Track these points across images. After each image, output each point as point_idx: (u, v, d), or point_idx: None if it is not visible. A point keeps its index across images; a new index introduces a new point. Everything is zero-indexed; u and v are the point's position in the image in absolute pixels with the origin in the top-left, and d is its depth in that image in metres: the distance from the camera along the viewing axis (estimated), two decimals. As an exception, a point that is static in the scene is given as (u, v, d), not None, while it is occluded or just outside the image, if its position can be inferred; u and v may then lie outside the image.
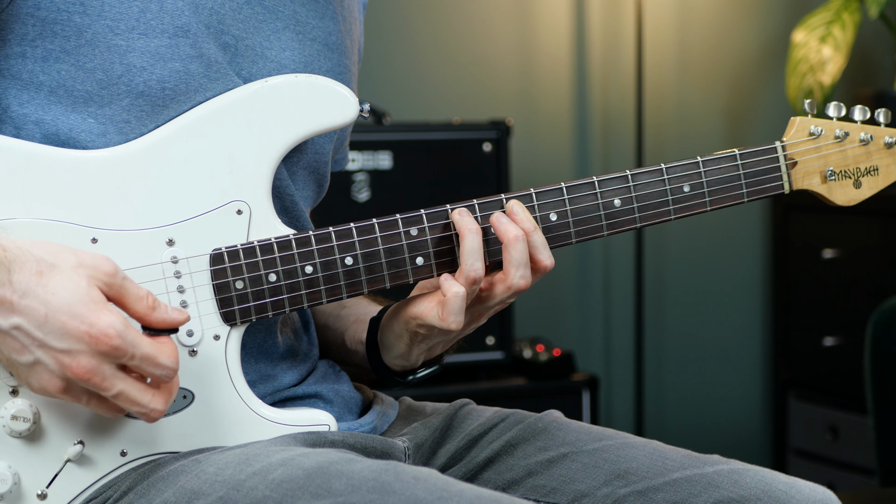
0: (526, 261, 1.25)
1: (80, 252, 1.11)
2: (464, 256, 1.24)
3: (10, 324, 1.07)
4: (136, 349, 1.08)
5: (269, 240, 1.21)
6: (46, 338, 1.07)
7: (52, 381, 1.09)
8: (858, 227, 3.27)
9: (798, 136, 1.35)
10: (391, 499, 1.05)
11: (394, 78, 3.33)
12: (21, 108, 1.20)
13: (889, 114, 1.38)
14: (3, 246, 1.08)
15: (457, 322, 1.24)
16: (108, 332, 1.07)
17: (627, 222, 1.31)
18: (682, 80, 3.60)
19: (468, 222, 1.25)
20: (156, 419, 1.12)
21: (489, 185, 2.88)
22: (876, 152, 1.37)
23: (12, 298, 1.06)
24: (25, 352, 1.08)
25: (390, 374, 1.38)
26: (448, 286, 1.24)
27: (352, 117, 1.24)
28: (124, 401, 1.10)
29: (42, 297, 1.07)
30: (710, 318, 3.68)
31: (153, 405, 1.11)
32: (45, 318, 1.07)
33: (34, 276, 1.07)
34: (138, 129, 1.20)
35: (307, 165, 1.33)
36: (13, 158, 1.15)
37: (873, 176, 1.38)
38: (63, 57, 1.19)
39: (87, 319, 1.07)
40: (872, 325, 2.30)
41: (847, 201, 1.37)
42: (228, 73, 1.23)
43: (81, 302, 1.07)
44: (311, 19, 1.33)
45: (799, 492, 1.26)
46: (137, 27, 1.20)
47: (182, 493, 1.13)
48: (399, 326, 1.32)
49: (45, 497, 1.15)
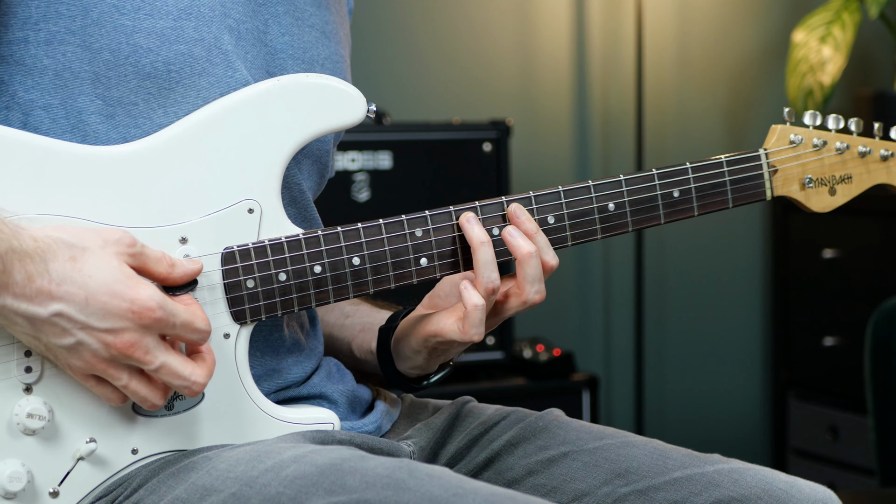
0: (540, 276, 1.27)
1: (99, 230, 1.13)
2: (479, 269, 1.25)
3: (49, 311, 1.08)
4: (175, 317, 1.11)
5: (279, 239, 1.22)
6: (89, 319, 1.09)
7: (95, 359, 1.10)
8: (858, 227, 3.27)
9: (779, 144, 1.39)
10: (406, 495, 1.06)
11: (394, 78, 3.33)
12: (27, 93, 1.20)
13: (861, 123, 1.42)
14: (33, 237, 1.09)
15: (479, 334, 1.25)
16: (150, 304, 1.09)
17: (620, 226, 1.33)
18: (682, 80, 3.60)
19: (479, 233, 1.26)
20: (197, 392, 1.14)
21: (489, 185, 2.88)
22: (851, 161, 1.42)
23: (50, 287, 1.08)
24: (67, 335, 1.09)
25: (405, 381, 1.39)
26: (469, 296, 1.25)
27: (360, 117, 1.25)
28: (166, 373, 1.12)
29: (80, 281, 1.08)
30: (710, 317, 3.68)
31: (195, 377, 1.13)
32: (86, 301, 1.08)
33: (69, 262, 1.09)
34: (146, 113, 1.21)
35: (311, 154, 1.34)
36: (29, 153, 1.15)
37: (847, 184, 1.42)
38: (68, 38, 1.19)
39: (128, 296, 1.09)
40: (872, 325, 2.30)
41: (822, 208, 1.42)
42: (230, 56, 1.24)
43: (117, 280, 1.09)
44: (308, 6, 1.34)
45: (799, 491, 1.26)
46: (143, 7, 1.20)
47: (194, 490, 1.14)
48: (417, 343, 1.33)
49: (58, 495, 1.16)
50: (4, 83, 1.20)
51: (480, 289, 1.25)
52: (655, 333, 3.62)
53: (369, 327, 1.41)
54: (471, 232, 1.26)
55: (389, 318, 1.39)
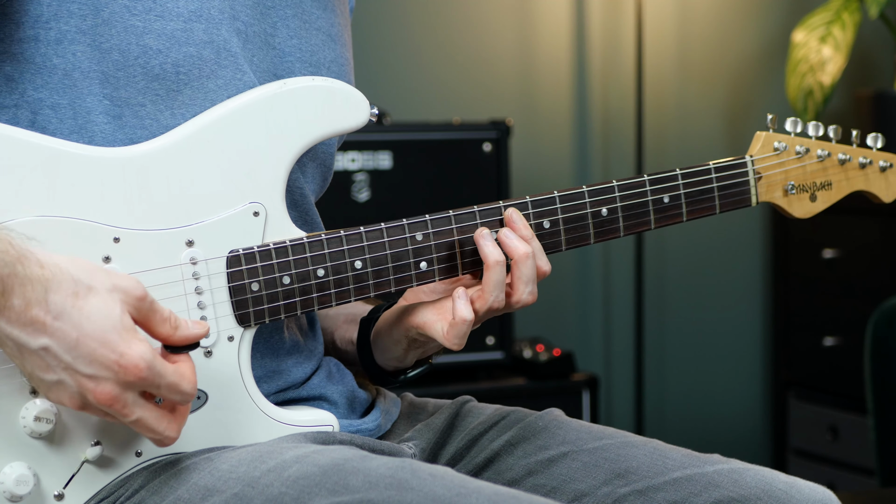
0: (534, 277, 1.28)
1: (112, 273, 1.10)
2: (488, 286, 1.25)
3: (38, 344, 1.06)
4: (161, 379, 1.08)
5: (283, 242, 1.22)
6: (74, 362, 1.06)
7: (72, 400, 1.08)
8: (858, 227, 3.27)
9: (764, 151, 1.42)
10: (409, 495, 1.06)
11: (394, 78, 3.33)
12: (36, 92, 1.20)
13: (839, 130, 1.46)
14: (40, 263, 1.06)
15: (459, 344, 1.26)
16: (139, 363, 1.06)
17: (613, 231, 1.35)
18: (682, 80, 3.60)
19: (494, 252, 1.26)
20: (168, 445, 1.12)
21: (489, 185, 2.88)
22: (831, 168, 1.45)
23: (45, 319, 1.05)
24: (50, 371, 1.07)
25: (382, 374, 1.39)
26: (460, 308, 1.25)
27: (363, 121, 1.26)
28: (141, 427, 1.10)
29: (76, 320, 1.06)
30: (710, 317, 3.68)
31: (168, 433, 1.11)
32: (76, 343, 1.05)
33: (70, 298, 1.06)
34: (153, 114, 1.21)
35: (315, 157, 1.34)
36: (38, 154, 1.15)
37: (827, 190, 1.45)
38: (78, 37, 1.19)
39: (118, 349, 1.06)
40: (872, 325, 2.30)
41: (804, 214, 1.45)
42: (238, 59, 1.24)
43: (114, 329, 1.06)
44: (314, 9, 1.35)
45: (799, 491, 1.26)
46: (154, 9, 1.20)
47: (195, 490, 1.14)
48: (398, 333, 1.33)
49: (62, 497, 1.16)
50: (14, 81, 1.20)
51: (486, 305, 1.25)
52: (655, 333, 3.62)
53: (352, 318, 1.42)
54: (486, 248, 1.26)
55: (371, 311, 1.40)
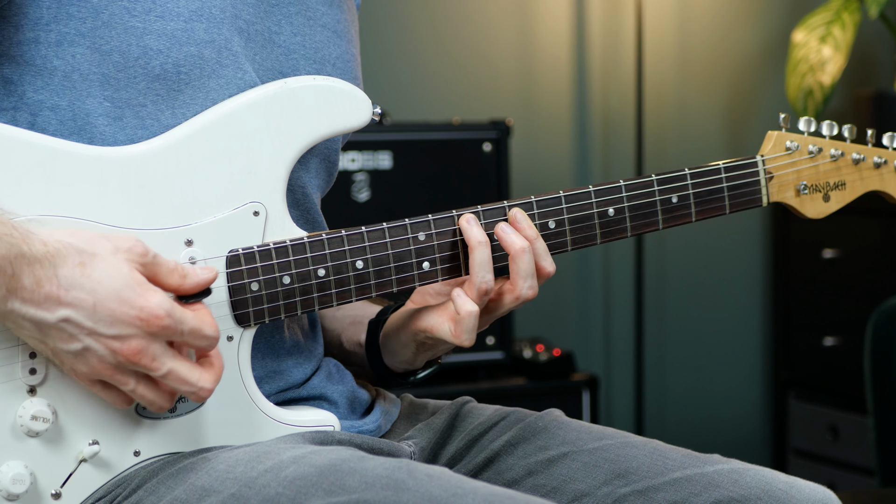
0: (533, 271, 1.27)
1: (111, 236, 1.12)
2: (474, 268, 1.25)
3: (57, 317, 1.08)
4: (183, 325, 1.10)
5: (284, 242, 1.22)
6: (97, 326, 1.08)
7: (101, 365, 1.10)
8: (858, 227, 3.27)
9: (775, 151, 1.41)
10: (405, 496, 1.06)
11: (394, 78, 3.33)
12: (36, 94, 1.20)
13: (855, 130, 1.43)
14: (43, 241, 1.08)
15: (470, 339, 1.26)
16: (158, 312, 1.09)
17: (619, 231, 1.34)
18: (682, 80, 3.60)
19: (477, 233, 1.26)
20: (204, 398, 1.13)
21: (489, 185, 2.88)
22: (845, 167, 1.43)
23: (59, 293, 1.07)
24: (74, 341, 1.09)
25: (392, 376, 1.39)
26: (461, 304, 1.25)
27: (365, 120, 1.26)
28: (174, 380, 1.11)
29: (88, 287, 1.08)
30: (710, 317, 3.68)
31: (202, 383, 1.12)
32: (94, 307, 1.08)
33: (78, 269, 1.08)
34: (154, 114, 1.21)
35: (319, 153, 1.34)
36: (37, 153, 1.15)
37: (841, 190, 1.44)
38: (78, 40, 1.19)
39: (136, 303, 1.09)
40: (872, 325, 2.30)
41: (817, 214, 1.44)
42: (239, 58, 1.24)
43: (127, 286, 1.09)
44: (319, 6, 1.34)
45: (799, 491, 1.26)
46: (154, 9, 1.20)
47: (193, 490, 1.14)
48: (406, 337, 1.33)
49: (59, 496, 1.16)
50: (14, 83, 1.20)
51: (473, 290, 1.25)
52: (655, 333, 3.62)
53: (359, 320, 1.42)
54: (469, 232, 1.26)
55: (379, 312, 1.40)
